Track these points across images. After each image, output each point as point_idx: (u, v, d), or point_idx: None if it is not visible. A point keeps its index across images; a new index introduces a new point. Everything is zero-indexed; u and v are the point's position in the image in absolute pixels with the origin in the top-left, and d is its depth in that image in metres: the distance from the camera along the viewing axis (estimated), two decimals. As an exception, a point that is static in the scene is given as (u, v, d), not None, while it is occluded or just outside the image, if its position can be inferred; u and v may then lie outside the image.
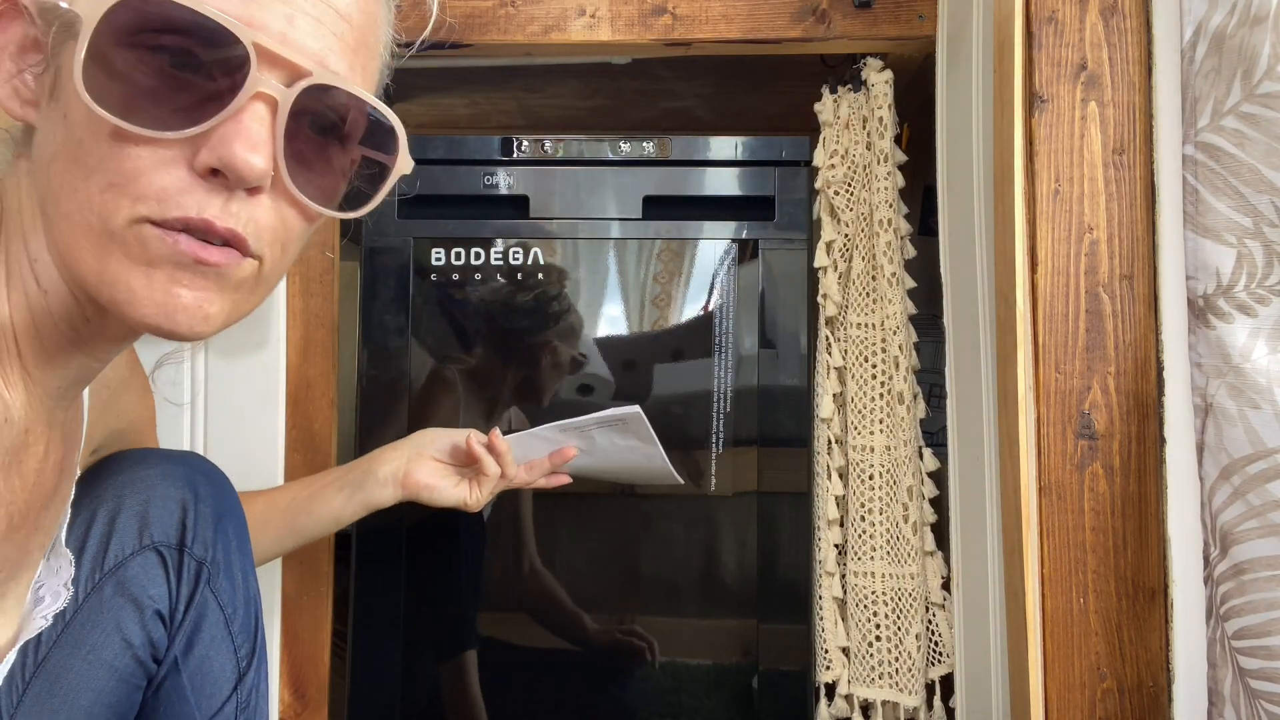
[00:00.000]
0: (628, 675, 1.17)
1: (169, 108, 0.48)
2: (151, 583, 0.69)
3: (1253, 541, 0.77)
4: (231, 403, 1.09)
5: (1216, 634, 0.81)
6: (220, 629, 0.72)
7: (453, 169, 1.19)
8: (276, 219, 0.52)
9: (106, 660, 0.68)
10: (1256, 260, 0.78)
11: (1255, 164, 0.78)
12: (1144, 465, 0.85)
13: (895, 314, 1.15)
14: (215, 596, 0.72)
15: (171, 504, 0.71)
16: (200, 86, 0.48)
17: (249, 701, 0.74)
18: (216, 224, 0.49)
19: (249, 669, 0.74)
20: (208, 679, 0.72)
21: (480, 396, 1.19)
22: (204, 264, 0.49)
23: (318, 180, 0.54)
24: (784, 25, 1.14)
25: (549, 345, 1.18)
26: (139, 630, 0.69)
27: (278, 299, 1.10)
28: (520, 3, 1.14)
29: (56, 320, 0.54)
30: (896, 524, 1.14)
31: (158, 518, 0.70)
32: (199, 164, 0.48)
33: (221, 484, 0.75)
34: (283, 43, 0.50)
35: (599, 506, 1.19)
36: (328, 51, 0.52)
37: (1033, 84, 0.88)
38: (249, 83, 0.48)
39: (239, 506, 0.76)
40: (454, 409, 1.18)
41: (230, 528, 0.74)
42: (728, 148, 1.20)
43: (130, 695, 0.70)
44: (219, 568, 0.72)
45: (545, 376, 1.18)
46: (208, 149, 0.48)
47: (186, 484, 0.72)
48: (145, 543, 0.70)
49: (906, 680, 1.12)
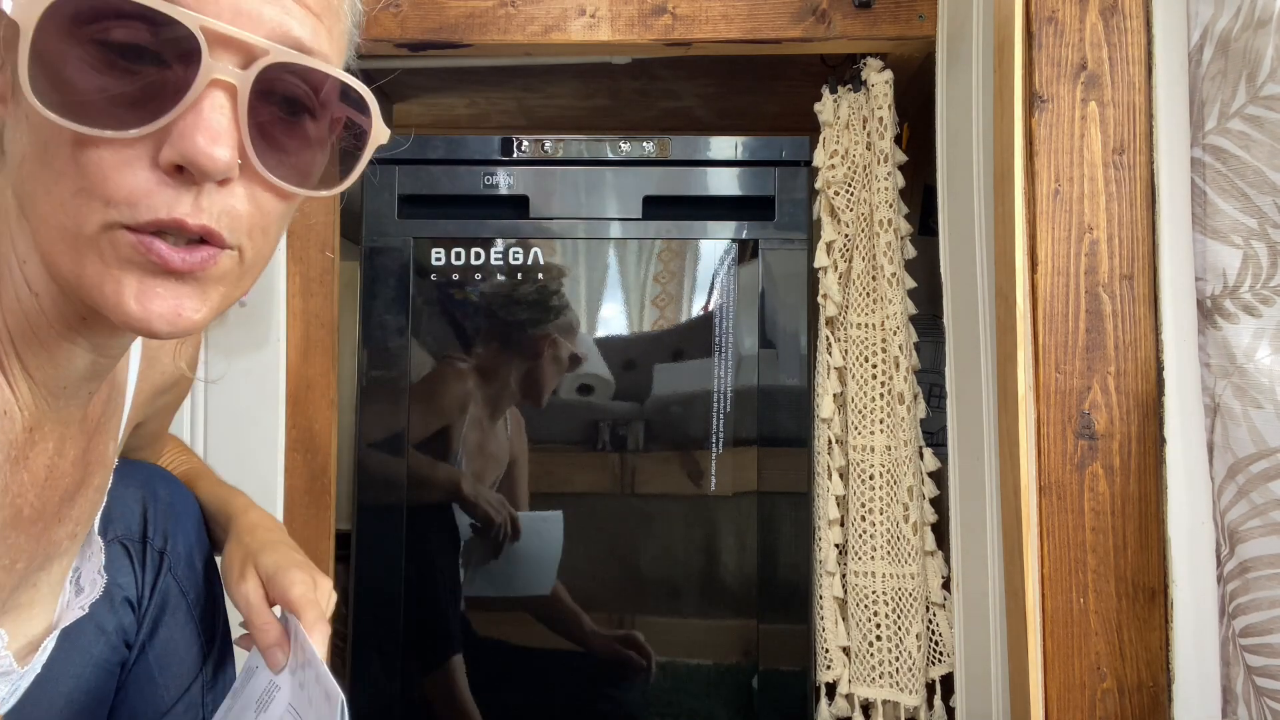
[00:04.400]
0: (628, 676, 1.17)
1: (125, 105, 0.45)
2: (119, 573, 0.73)
3: (1256, 540, 0.77)
4: (231, 403, 1.09)
5: (1228, 633, 0.81)
6: (183, 613, 0.76)
7: (453, 169, 1.19)
8: (251, 206, 0.50)
9: (84, 648, 0.71)
10: (1261, 261, 0.78)
11: (1260, 166, 0.78)
12: (1144, 465, 0.85)
13: (895, 314, 1.15)
14: (177, 583, 0.76)
15: (132, 502, 0.75)
16: (153, 79, 0.46)
17: (214, 682, 0.78)
18: (189, 222, 0.47)
19: (212, 650, 0.79)
20: (173, 661, 0.76)
21: (480, 396, 1.19)
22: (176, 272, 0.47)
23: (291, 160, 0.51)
24: (784, 25, 1.14)
25: (549, 343, 1.18)
26: (111, 617, 0.72)
27: (278, 299, 1.10)
28: (520, 3, 1.14)
29: (51, 321, 0.53)
30: (897, 524, 1.14)
31: (120, 515, 0.74)
32: (163, 161, 0.46)
33: (176, 485, 0.80)
34: (235, 17, 0.47)
35: (599, 506, 1.19)
36: (286, 18, 0.49)
37: (1033, 84, 0.88)
38: (202, 70, 0.45)
39: (195, 505, 0.81)
40: (463, 400, 1.18)
41: (187, 522, 0.78)
42: (728, 148, 1.20)
43: (107, 681, 0.73)
44: (179, 557, 0.76)
45: (545, 375, 1.18)
46: (169, 145, 0.45)
47: (144, 485, 0.76)
48: (110, 537, 0.73)
49: (907, 680, 1.12)
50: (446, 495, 1.17)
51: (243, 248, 0.50)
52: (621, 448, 1.18)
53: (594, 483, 1.16)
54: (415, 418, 1.17)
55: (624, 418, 1.19)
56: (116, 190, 0.46)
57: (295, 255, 1.13)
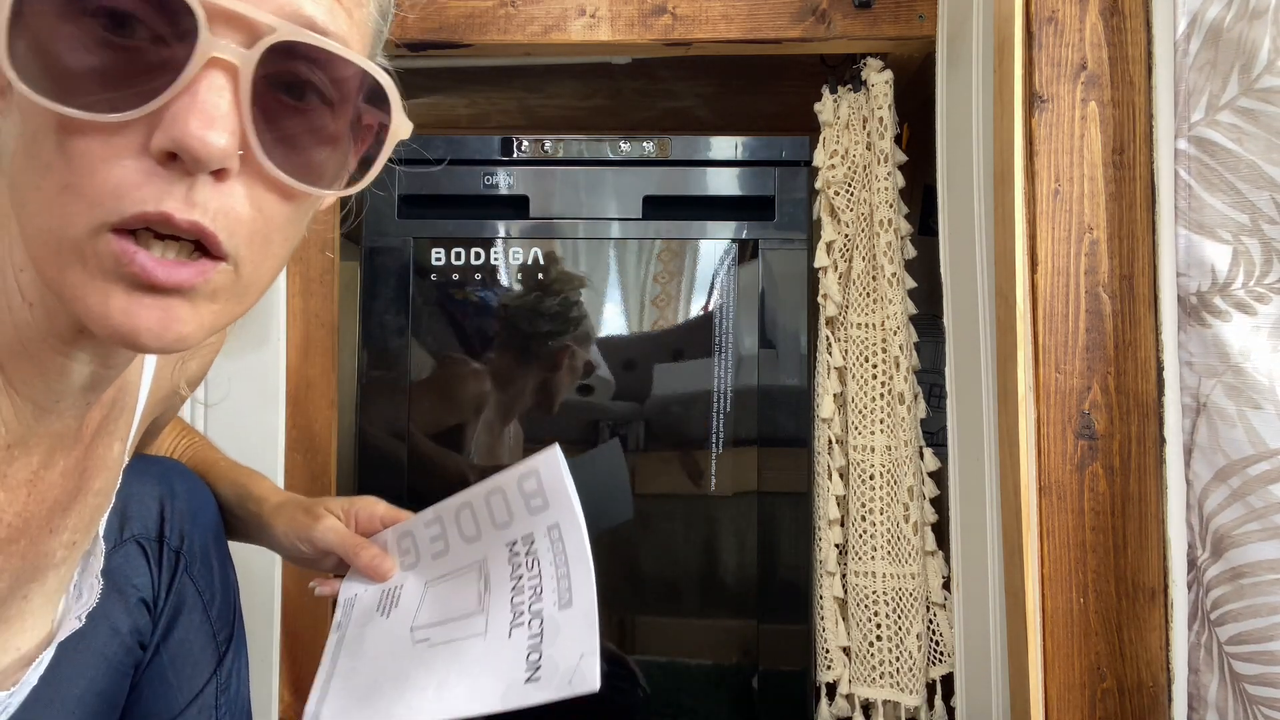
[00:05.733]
0: (612, 691, 1.17)
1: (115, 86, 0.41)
2: (135, 573, 0.73)
3: (1254, 545, 0.76)
4: (231, 403, 1.09)
5: (1202, 639, 0.80)
6: (198, 614, 0.76)
7: (453, 169, 1.19)
8: (251, 208, 0.45)
9: (97, 649, 0.70)
10: (1254, 257, 0.78)
11: (1254, 160, 0.77)
12: (1144, 465, 0.85)
13: (895, 314, 1.15)
14: (193, 583, 0.75)
15: (149, 500, 0.74)
16: (146, 57, 0.41)
17: (228, 684, 0.78)
18: (177, 217, 0.42)
19: (227, 652, 0.78)
20: (187, 662, 0.75)
21: (495, 399, 1.19)
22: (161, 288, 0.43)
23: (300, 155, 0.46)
24: (784, 25, 1.14)
25: (567, 354, 1.18)
26: (125, 618, 0.72)
27: (278, 299, 1.10)
28: (520, 3, 1.14)
29: (45, 334, 0.50)
30: (897, 524, 1.14)
31: (137, 514, 0.73)
32: (154, 148, 0.41)
33: (194, 481, 0.79)
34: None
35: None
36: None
37: (1033, 84, 0.87)
38: (200, 48, 0.41)
39: (213, 502, 0.80)
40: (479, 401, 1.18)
41: (205, 520, 0.77)
42: (728, 148, 1.20)
43: (120, 683, 0.72)
44: (195, 556, 0.75)
45: (550, 377, 1.18)
46: (160, 130, 0.41)
47: (161, 482, 0.75)
48: (126, 536, 0.73)
49: (907, 680, 1.12)
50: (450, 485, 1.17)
51: (240, 260, 0.45)
52: (621, 447, 1.18)
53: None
54: (427, 409, 1.17)
55: (624, 418, 1.19)
56: (104, 183, 0.41)
57: (295, 255, 1.13)
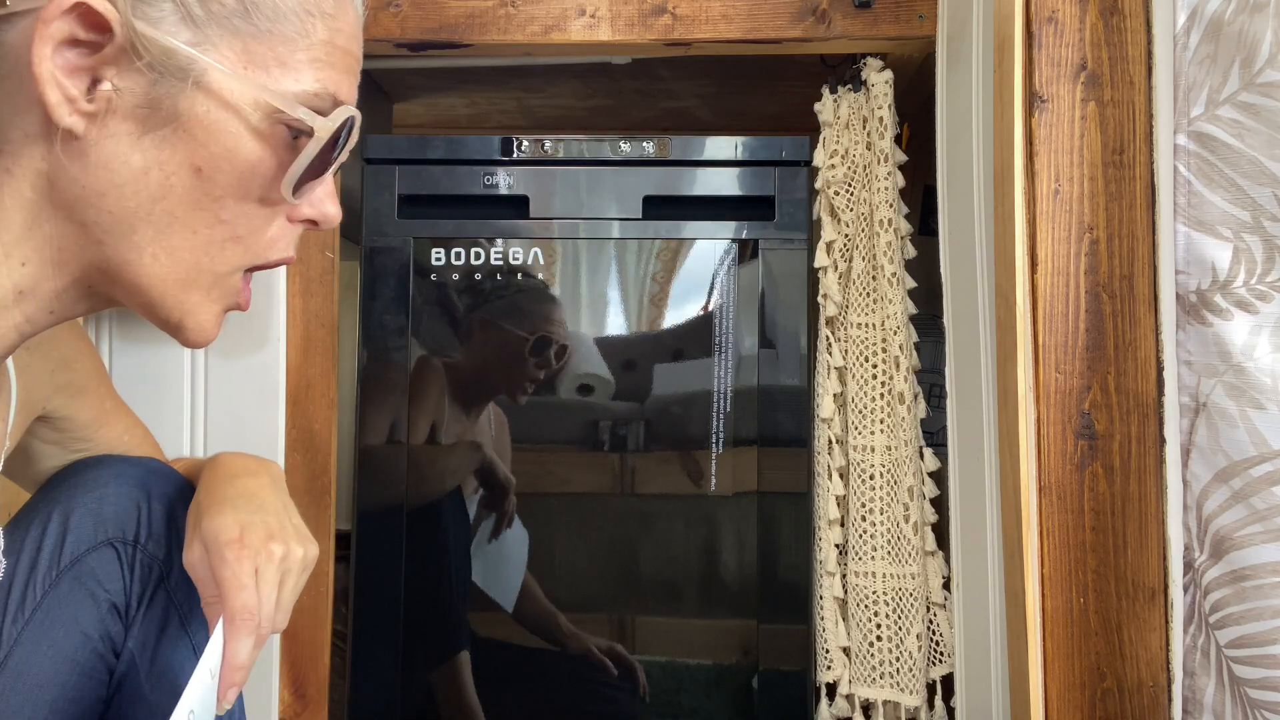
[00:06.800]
0: (615, 680, 1.17)
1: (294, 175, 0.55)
2: (107, 577, 0.71)
3: (1256, 547, 0.75)
4: (231, 403, 1.09)
5: (1198, 642, 0.80)
6: (176, 628, 0.73)
7: (453, 169, 1.19)
8: None
9: (67, 654, 0.69)
10: (1256, 255, 0.77)
11: (1256, 155, 0.76)
12: (1144, 465, 0.85)
13: (896, 314, 1.15)
14: (177, 609, 0.72)
15: (126, 502, 0.72)
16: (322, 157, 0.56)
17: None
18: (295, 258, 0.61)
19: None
20: (165, 678, 0.72)
21: (480, 396, 1.19)
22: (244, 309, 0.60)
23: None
24: (784, 25, 1.14)
25: (551, 344, 1.18)
26: (95, 623, 0.70)
27: (278, 299, 1.10)
28: (520, 3, 1.14)
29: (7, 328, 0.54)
30: (897, 524, 1.14)
31: (113, 515, 0.72)
32: (298, 216, 0.58)
33: (176, 483, 0.76)
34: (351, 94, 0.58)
35: (599, 506, 1.19)
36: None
37: (1033, 84, 0.87)
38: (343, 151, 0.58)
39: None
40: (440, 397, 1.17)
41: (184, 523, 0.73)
42: (728, 148, 1.20)
43: (93, 690, 0.71)
44: (173, 564, 0.72)
45: (546, 375, 1.18)
46: (309, 204, 0.58)
47: (139, 484, 0.73)
48: (101, 538, 0.71)
49: (907, 680, 1.12)
50: (466, 464, 1.16)
51: None
52: (621, 448, 1.18)
53: (594, 483, 1.16)
54: (415, 415, 1.17)
55: (624, 418, 1.19)
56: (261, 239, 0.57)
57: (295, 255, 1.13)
